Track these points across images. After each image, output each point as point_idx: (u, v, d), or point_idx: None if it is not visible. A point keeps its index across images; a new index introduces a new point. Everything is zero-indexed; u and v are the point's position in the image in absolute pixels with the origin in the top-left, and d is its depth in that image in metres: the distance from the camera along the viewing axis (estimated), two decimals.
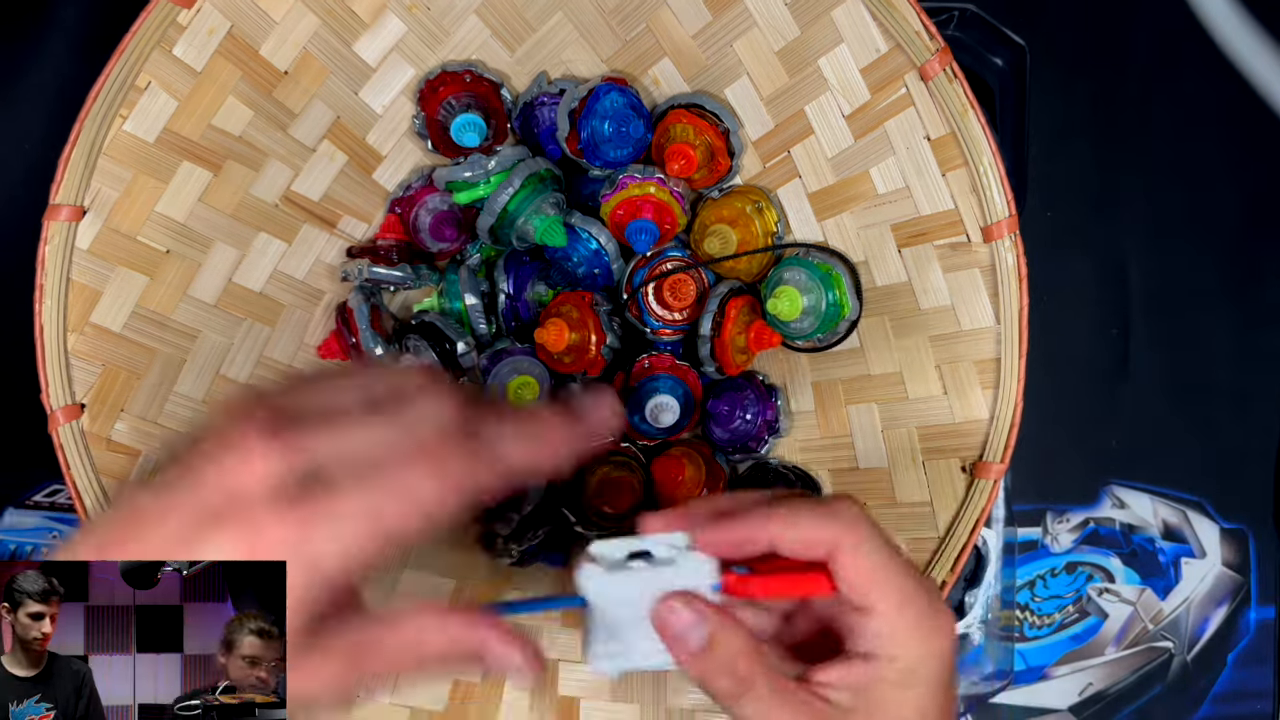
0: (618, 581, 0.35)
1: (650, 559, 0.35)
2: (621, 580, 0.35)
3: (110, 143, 0.50)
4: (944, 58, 0.50)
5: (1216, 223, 0.68)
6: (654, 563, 0.35)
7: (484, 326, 0.61)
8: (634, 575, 0.35)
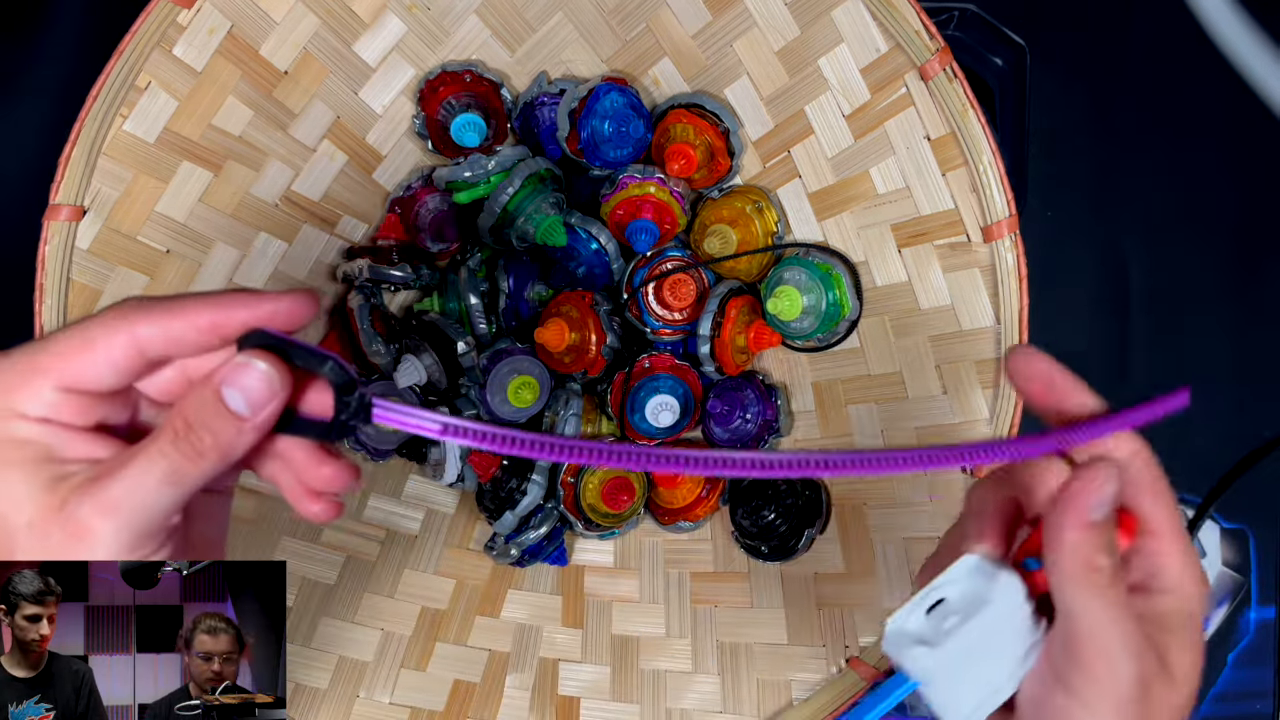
0: (946, 653, 0.33)
1: (946, 604, 0.34)
2: (946, 648, 0.33)
3: (110, 143, 0.50)
4: (944, 57, 0.50)
5: (1216, 223, 0.68)
6: (964, 613, 0.33)
7: (484, 326, 0.61)
8: (957, 636, 0.33)
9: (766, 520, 0.56)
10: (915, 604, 0.34)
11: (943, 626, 0.33)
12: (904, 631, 0.34)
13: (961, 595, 0.34)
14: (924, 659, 0.33)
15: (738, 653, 0.56)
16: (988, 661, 0.33)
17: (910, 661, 0.33)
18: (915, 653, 0.33)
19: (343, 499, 0.33)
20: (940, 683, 0.34)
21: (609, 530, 0.60)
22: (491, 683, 0.57)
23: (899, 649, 0.34)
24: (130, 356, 0.29)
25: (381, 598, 0.58)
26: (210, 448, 0.29)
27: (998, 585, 0.33)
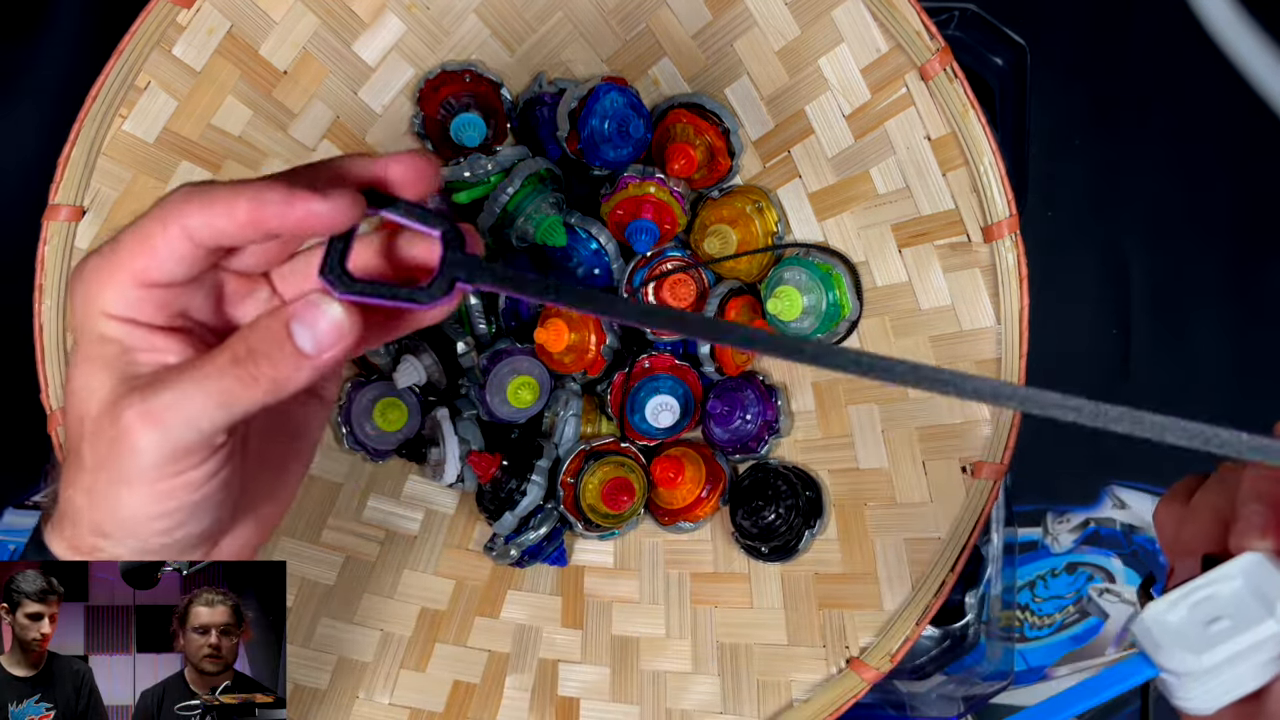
0: (1212, 653, 0.31)
1: (1215, 600, 0.31)
2: (1216, 650, 0.31)
3: (110, 143, 0.50)
4: (944, 57, 0.50)
5: (1216, 223, 0.68)
6: (1237, 619, 0.31)
7: (484, 326, 0.60)
8: (1229, 646, 0.31)
9: (767, 520, 0.56)
10: (1182, 595, 0.32)
11: (1210, 630, 0.31)
12: (1163, 624, 0.32)
13: (1236, 595, 0.31)
14: (1187, 663, 0.31)
15: (738, 653, 0.56)
16: (1244, 662, 0.31)
17: (1170, 662, 0.31)
18: (1180, 656, 0.31)
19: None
20: (1185, 681, 0.31)
21: (609, 531, 0.60)
22: (491, 683, 0.57)
23: (1156, 643, 0.32)
24: (187, 248, 0.29)
25: (381, 598, 0.58)
26: (267, 378, 0.29)
27: (1275, 594, 0.30)
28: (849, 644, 0.54)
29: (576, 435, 0.61)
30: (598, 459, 0.60)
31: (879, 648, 0.52)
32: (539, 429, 0.62)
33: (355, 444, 0.60)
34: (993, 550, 0.65)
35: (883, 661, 0.52)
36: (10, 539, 0.66)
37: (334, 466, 0.60)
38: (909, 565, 0.53)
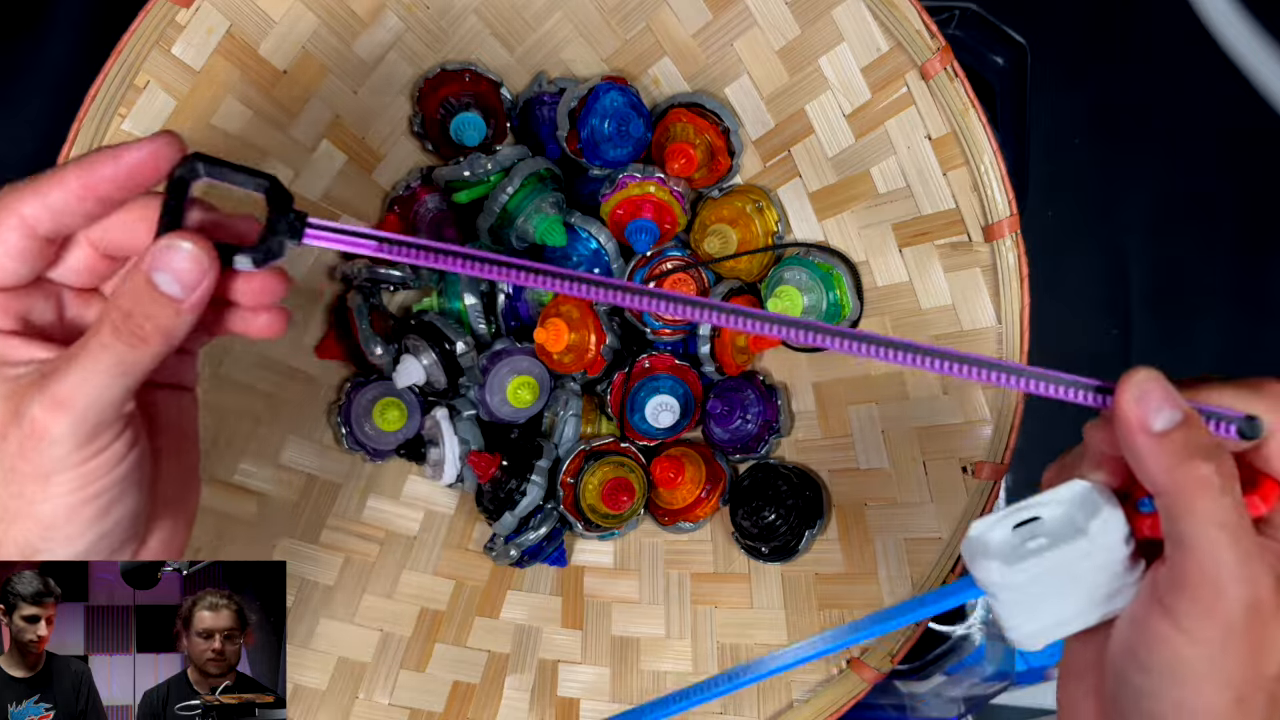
0: (1023, 572, 0.32)
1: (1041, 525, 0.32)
2: (1027, 571, 0.31)
3: (109, 142, 0.50)
4: (945, 57, 0.50)
5: (1217, 222, 0.68)
6: (1054, 537, 0.32)
7: (483, 326, 0.60)
8: (1039, 560, 0.31)
9: (767, 521, 0.56)
10: (1005, 515, 0.33)
11: (1027, 546, 0.32)
12: (984, 540, 0.33)
13: (1057, 519, 0.32)
14: (995, 573, 0.32)
15: (738, 653, 0.56)
16: (1065, 593, 0.32)
17: (981, 572, 0.32)
18: (989, 565, 0.32)
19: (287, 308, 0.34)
20: (1008, 599, 0.32)
21: (609, 531, 0.60)
22: (491, 684, 0.57)
23: (974, 556, 0.32)
24: (26, 239, 0.30)
25: (381, 598, 0.58)
26: (152, 333, 0.29)
27: (1099, 517, 0.31)
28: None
29: (576, 435, 0.61)
30: (598, 459, 0.59)
31: (879, 648, 0.52)
32: (539, 429, 0.62)
33: (355, 444, 0.60)
34: None
35: (883, 661, 0.52)
36: None
37: (334, 466, 0.60)
38: (909, 565, 0.53)
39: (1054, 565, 0.31)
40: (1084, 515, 0.32)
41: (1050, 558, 0.31)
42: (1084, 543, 0.31)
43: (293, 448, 0.59)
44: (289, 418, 0.59)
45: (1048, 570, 0.31)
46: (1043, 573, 0.31)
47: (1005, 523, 0.32)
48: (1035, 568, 0.32)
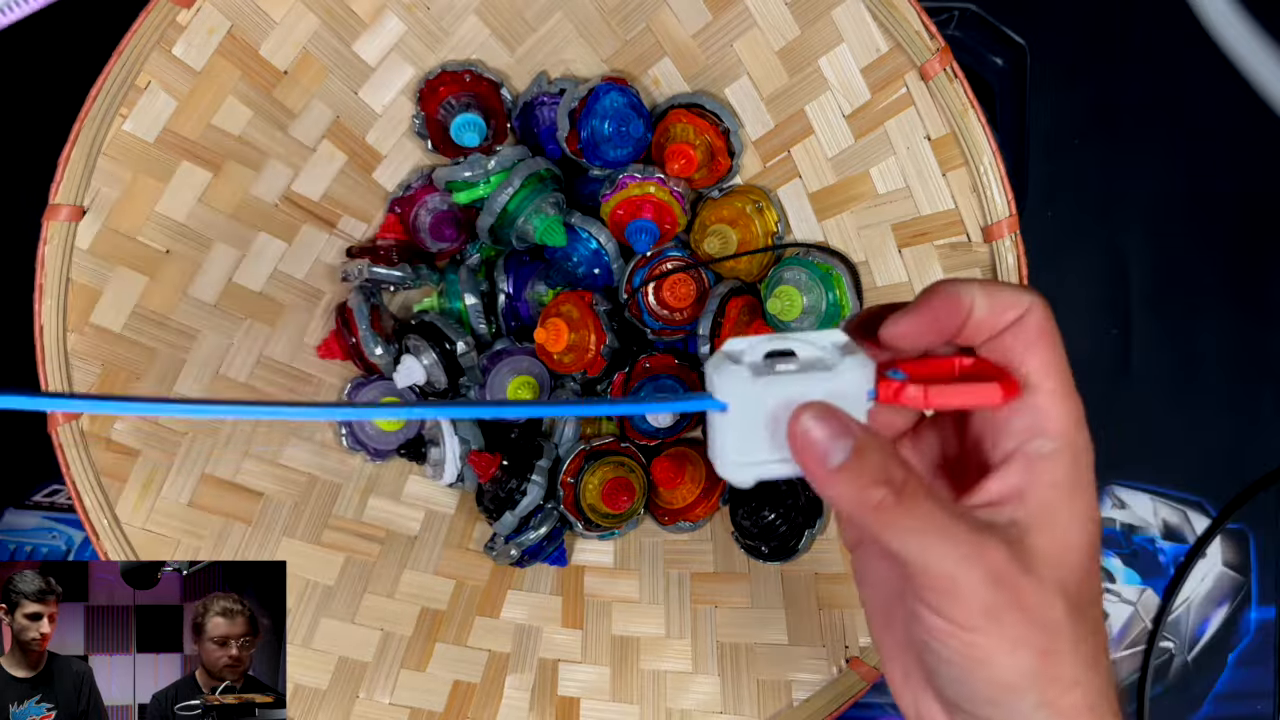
0: (763, 385, 0.31)
1: (794, 359, 0.32)
2: (767, 384, 0.31)
3: (110, 142, 0.50)
4: (944, 57, 0.50)
5: (1216, 222, 0.68)
6: (802, 365, 0.31)
7: (484, 326, 0.60)
8: (782, 380, 0.31)
9: (767, 520, 0.56)
10: (762, 339, 0.32)
11: (775, 367, 0.31)
12: (736, 352, 0.32)
13: (810, 358, 0.32)
14: (737, 379, 0.31)
15: (738, 653, 0.56)
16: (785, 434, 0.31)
17: (724, 376, 0.31)
18: (736, 370, 0.31)
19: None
20: (736, 418, 0.31)
21: (609, 531, 0.60)
22: (491, 683, 0.57)
23: (720, 364, 0.31)
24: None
25: (381, 598, 0.58)
26: None
27: (848, 364, 0.31)
28: (849, 644, 0.54)
29: (576, 435, 0.61)
30: (598, 459, 0.60)
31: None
32: (539, 429, 0.62)
33: (355, 444, 0.60)
34: None
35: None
36: (10, 539, 0.66)
37: (334, 466, 0.60)
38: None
39: (793, 390, 0.31)
40: (835, 360, 0.31)
41: (793, 381, 0.31)
42: (830, 376, 0.31)
43: (293, 448, 0.59)
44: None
45: (786, 393, 0.31)
46: (781, 395, 0.31)
47: (760, 346, 0.32)
48: (775, 386, 0.31)
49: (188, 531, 0.53)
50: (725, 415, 0.31)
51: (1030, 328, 0.32)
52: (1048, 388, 0.31)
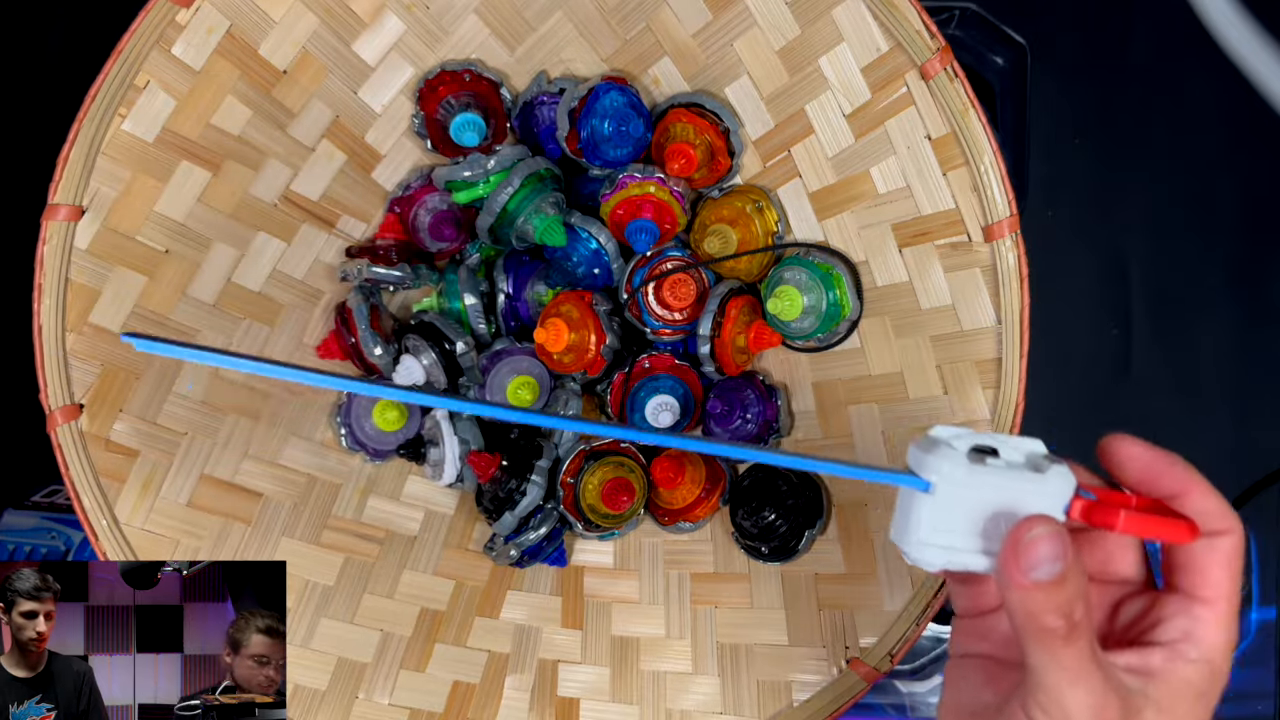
0: (977, 476, 0.32)
1: (998, 457, 0.33)
2: (982, 476, 0.32)
3: (109, 142, 0.50)
4: (945, 57, 0.50)
5: (1217, 222, 0.68)
6: (1010, 465, 0.32)
7: (483, 326, 0.60)
8: (995, 475, 0.32)
9: (767, 521, 0.56)
10: (969, 433, 0.33)
11: (985, 460, 0.32)
12: (947, 440, 0.33)
13: (1013, 460, 0.33)
14: (953, 466, 0.32)
15: (738, 653, 0.56)
16: (985, 522, 0.32)
17: (939, 458, 0.32)
18: (951, 454, 0.32)
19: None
20: (939, 500, 0.32)
21: (609, 531, 0.60)
22: (491, 684, 0.57)
23: (932, 447, 0.32)
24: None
25: (381, 598, 0.58)
26: None
27: (1055, 473, 0.32)
28: (849, 644, 0.54)
29: (576, 435, 0.61)
30: (598, 459, 0.60)
31: (879, 648, 0.52)
32: (539, 429, 0.62)
33: (355, 444, 0.60)
34: None
35: (883, 661, 0.52)
36: (9, 539, 0.66)
37: (334, 466, 0.60)
38: (909, 565, 0.53)
39: (1001, 489, 0.32)
40: (1042, 466, 0.33)
41: (1003, 478, 0.32)
42: (1036, 481, 0.32)
43: (293, 448, 0.59)
44: (289, 418, 0.59)
45: (993, 489, 0.32)
46: (992, 490, 0.32)
47: (967, 439, 0.33)
48: (989, 480, 0.32)
49: (187, 532, 0.53)
50: (926, 495, 0.32)
51: (1225, 548, 0.33)
52: (1218, 608, 0.33)
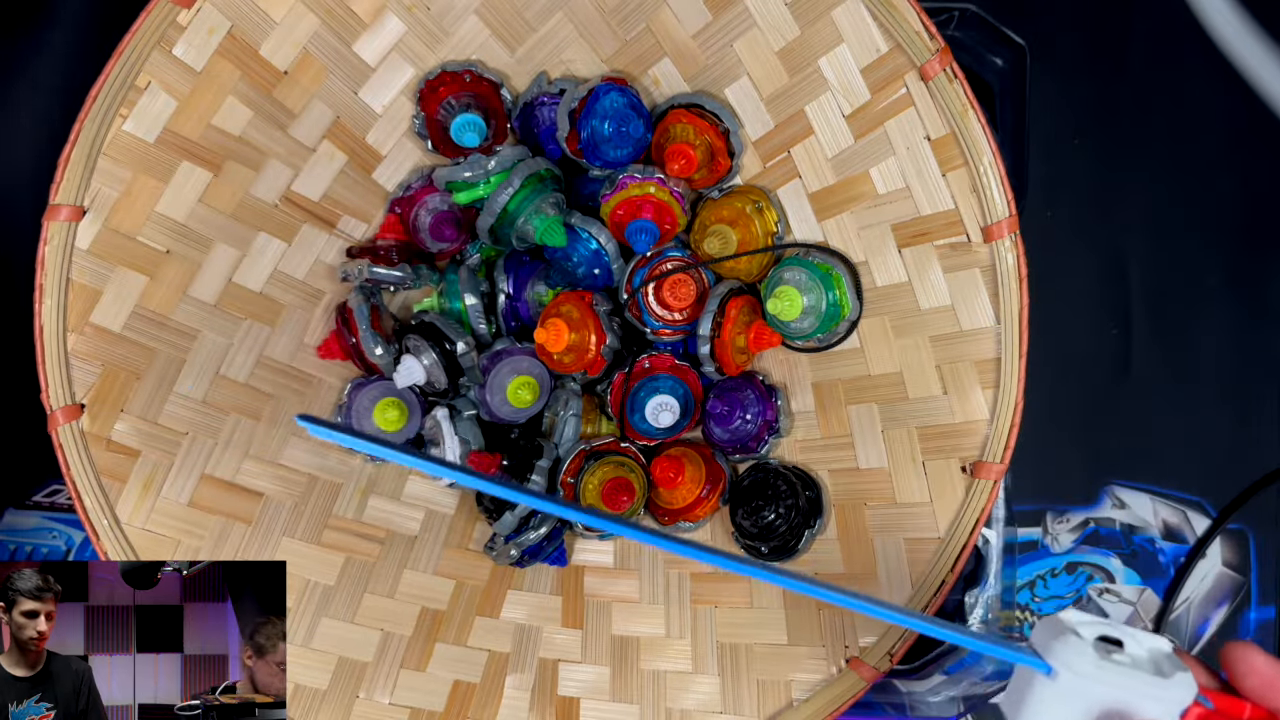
0: (1103, 671, 0.32)
1: (1122, 649, 0.33)
2: (1107, 672, 0.32)
3: (110, 143, 0.50)
4: (944, 58, 0.50)
5: (1216, 222, 0.68)
6: (1135, 661, 0.33)
7: (484, 326, 0.61)
8: (1117, 672, 0.32)
9: (766, 520, 0.56)
10: (1098, 621, 0.33)
11: (1109, 653, 0.33)
12: (1074, 625, 0.33)
13: (1139, 656, 0.33)
14: (1077, 656, 0.32)
15: (738, 653, 0.56)
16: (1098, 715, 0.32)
17: (1068, 648, 0.32)
18: (1080, 645, 0.32)
19: None
20: (1057, 687, 0.32)
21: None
22: (491, 683, 0.57)
23: (1061, 632, 0.33)
24: None
25: (381, 598, 0.58)
26: None
27: (1179, 679, 0.32)
28: (849, 644, 0.54)
29: (576, 435, 0.61)
30: (598, 459, 0.60)
31: (879, 647, 0.52)
32: (539, 429, 0.62)
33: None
34: (993, 550, 0.65)
35: (883, 661, 0.52)
36: (10, 539, 0.66)
37: (334, 466, 0.60)
38: (909, 565, 0.53)
39: (1121, 688, 0.32)
40: (1165, 667, 0.33)
41: (1127, 678, 0.32)
42: (1158, 686, 0.32)
43: (293, 447, 0.59)
44: (290, 418, 0.59)
45: (1114, 687, 0.32)
46: (1115, 686, 0.32)
47: (1094, 627, 0.33)
48: (1110, 674, 0.32)
49: (188, 531, 0.53)
50: (1048, 682, 0.32)
51: None
52: None
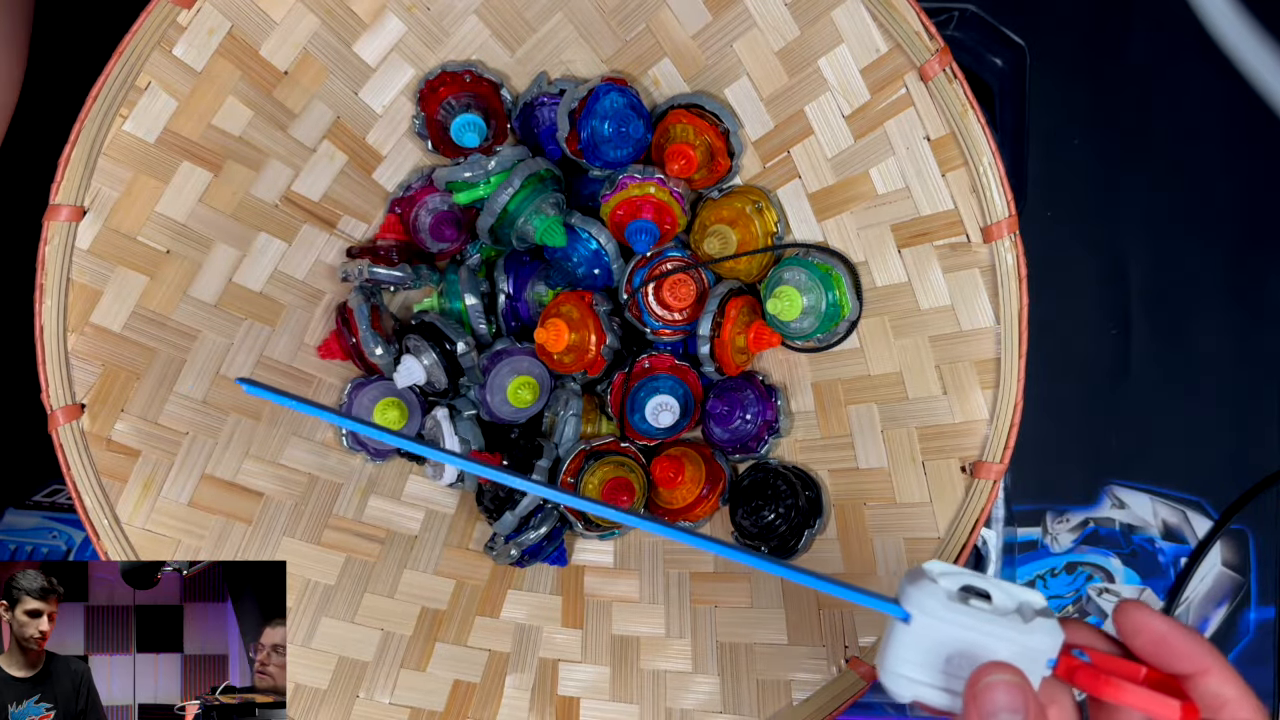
0: (955, 614, 0.32)
1: (988, 601, 0.33)
2: (960, 615, 0.32)
3: (110, 143, 0.50)
4: (944, 58, 0.50)
5: (1216, 223, 0.68)
6: (997, 609, 0.32)
7: (484, 326, 0.61)
8: (975, 616, 0.32)
9: (766, 520, 0.56)
10: (963, 572, 0.33)
11: (969, 600, 0.33)
12: (934, 575, 0.33)
13: (1004, 606, 0.33)
14: (934, 600, 0.32)
15: (738, 653, 0.56)
16: (958, 661, 0.32)
17: (921, 592, 0.32)
18: (933, 589, 0.32)
19: None
20: (915, 632, 0.33)
21: (609, 530, 0.60)
22: (491, 683, 0.57)
23: (917, 579, 0.33)
24: None
25: (381, 598, 0.58)
26: None
27: (1040, 624, 0.32)
28: (849, 643, 0.54)
29: (576, 435, 0.61)
30: (598, 459, 0.60)
31: (879, 647, 0.52)
32: (539, 429, 0.62)
33: (355, 444, 0.60)
34: (992, 550, 0.65)
35: None
36: (10, 539, 0.66)
37: (334, 466, 0.60)
38: (909, 565, 0.53)
39: (979, 630, 0.32)
40: (1030, 615, 0.33)
41: (982, 620, 0.32)
42: (1018, 629, 0.32)
43: (294, 447, 0.59)
44: (290, 418, 0.59)
45: (974, 631, 0.32)
46: (969, 630, 0.32)
47: (959, 577, 0.33)
48: (966, 620, 0.32)
49: (188, 531, 0.53)
50: (905, 626, 0.32)
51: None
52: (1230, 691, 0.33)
